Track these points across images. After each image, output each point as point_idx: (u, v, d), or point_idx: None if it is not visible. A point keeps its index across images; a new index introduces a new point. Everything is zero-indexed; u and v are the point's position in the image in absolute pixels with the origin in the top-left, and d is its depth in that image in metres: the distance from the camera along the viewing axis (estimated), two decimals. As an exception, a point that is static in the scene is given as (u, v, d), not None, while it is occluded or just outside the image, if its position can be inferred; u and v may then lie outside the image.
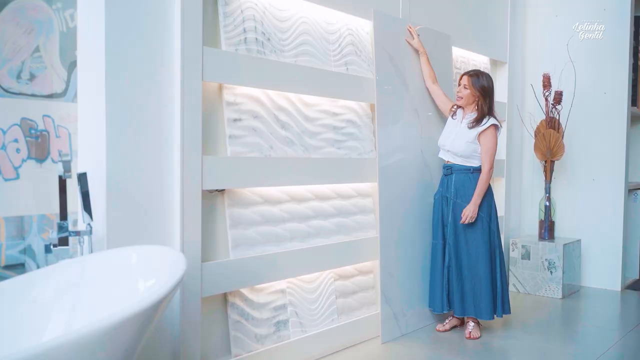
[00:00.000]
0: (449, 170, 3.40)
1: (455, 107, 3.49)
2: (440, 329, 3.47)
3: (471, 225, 3.32)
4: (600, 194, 4.67)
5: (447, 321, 3.51)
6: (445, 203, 3.41)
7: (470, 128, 3.32)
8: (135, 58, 2.22)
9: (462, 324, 3.51)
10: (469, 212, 3.28)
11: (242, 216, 2.67)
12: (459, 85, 3.39)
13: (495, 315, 3.36)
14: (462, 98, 3.36)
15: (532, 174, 4.96)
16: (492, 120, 3.32)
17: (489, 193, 3.39)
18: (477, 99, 3.34)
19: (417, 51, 3.56)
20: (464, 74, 3.40)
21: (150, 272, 1.82)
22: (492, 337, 3.41)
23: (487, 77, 3.38)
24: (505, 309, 3.41)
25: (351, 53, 3.23)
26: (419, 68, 3.60)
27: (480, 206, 3.31)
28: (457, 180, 3.36)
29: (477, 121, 3.32)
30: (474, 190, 3.31)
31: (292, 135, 2.89)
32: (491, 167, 3.32)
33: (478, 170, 3.36)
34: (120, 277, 1.87)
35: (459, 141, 3.35)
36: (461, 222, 3.30)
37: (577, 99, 4.58)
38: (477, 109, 3.34)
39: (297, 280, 2.95)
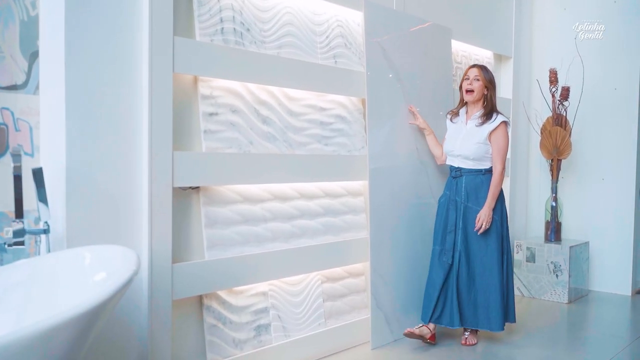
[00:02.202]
0: (458, 172, 3.21)
1: (451, 112, 3.35)
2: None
3: (485, 230, 3.12)
4: (610, 194, 4.47)
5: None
6: (453, 207, 3.20)
7: (478, 126, 3.15)
8: (98, 47, 2.11)
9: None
10: (484, 218, 3.09)
11: (219, 215, 2.54)
12: (468, 79, 3.21)
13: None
14: (473, 91, 3.18)
15: (538, 173, 4.77)
16: (501, 117, 3.15)
17: (500, 195, 3.20)
18: (486, 92, 3.18)
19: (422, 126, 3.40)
20: (472, 66, 3.24)
21: (102, 273, 1.70)
22: (490, 344, 3.24)
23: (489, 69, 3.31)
24: (511, 317, 3.22)
25: (340, 45, 3.09)
26: (414, 62, 3.44)
27: (493, 209, 3.13)
28: (468, 183, 3.17)
29: (486, 116, 3.15)
30: (487, 192, 3.14)
31: (274, 130, 2.76)
32: (504, 168, 3.15)
33: (490, 171, 3.18)
34: (72, 278, 1.76)
35: (468, 143, 3.17)
36: (476, 229, 3.11)
37: (585, 95, 4.39)
38: (486, 103, 3.18)
39: (281, 282, 2.82)
